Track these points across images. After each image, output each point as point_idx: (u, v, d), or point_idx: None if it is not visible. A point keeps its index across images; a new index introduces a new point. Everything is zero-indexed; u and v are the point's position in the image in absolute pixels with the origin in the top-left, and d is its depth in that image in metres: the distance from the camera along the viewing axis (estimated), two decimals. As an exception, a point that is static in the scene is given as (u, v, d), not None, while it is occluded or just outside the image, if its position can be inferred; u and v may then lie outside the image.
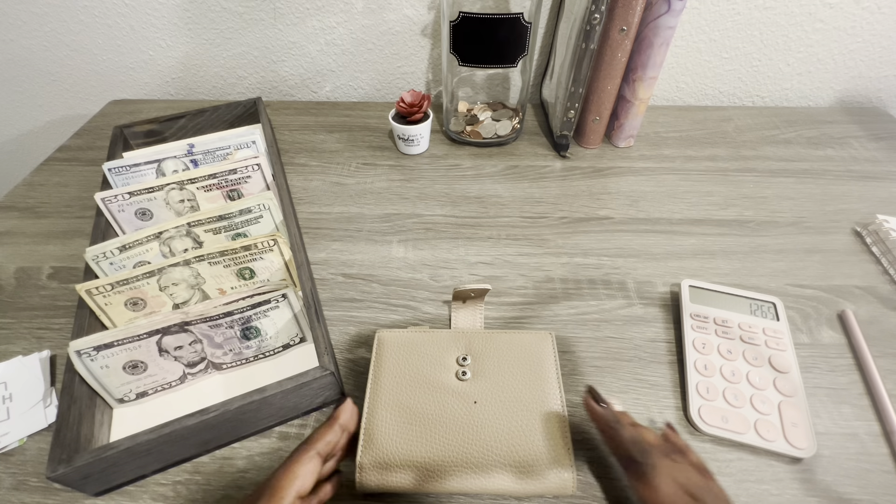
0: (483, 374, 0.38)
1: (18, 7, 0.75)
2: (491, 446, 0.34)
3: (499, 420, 0.35)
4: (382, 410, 0.36)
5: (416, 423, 0.35)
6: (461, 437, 0.34)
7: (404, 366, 0.39)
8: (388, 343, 0.40)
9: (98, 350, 0.36)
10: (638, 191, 0.61)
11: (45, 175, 0.66)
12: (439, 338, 0.40)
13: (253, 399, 0.34)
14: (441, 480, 0.33)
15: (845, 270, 0.50)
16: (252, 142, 0.58)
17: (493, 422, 0.35)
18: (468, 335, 0.40)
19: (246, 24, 0.76)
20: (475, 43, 0.60)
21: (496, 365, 0.38)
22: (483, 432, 0.34)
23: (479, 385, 0.37)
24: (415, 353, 0.39)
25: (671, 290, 0.49)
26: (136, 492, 0.36)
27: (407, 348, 0.40)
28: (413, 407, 0.36)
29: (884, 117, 0.74)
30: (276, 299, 0.39)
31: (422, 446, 0.34)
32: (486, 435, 0.34)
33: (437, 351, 0.39)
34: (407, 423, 0.35)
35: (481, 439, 0.34)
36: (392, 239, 0.55)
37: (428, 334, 0.41)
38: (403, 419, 0.35)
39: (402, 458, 0.33)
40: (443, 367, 0.38)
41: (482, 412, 0.35)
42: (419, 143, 0.67)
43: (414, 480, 0.33)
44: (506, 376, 0.37)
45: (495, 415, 0.35)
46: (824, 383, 0.41)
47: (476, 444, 0.34)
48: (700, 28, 0.72)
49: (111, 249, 0.44)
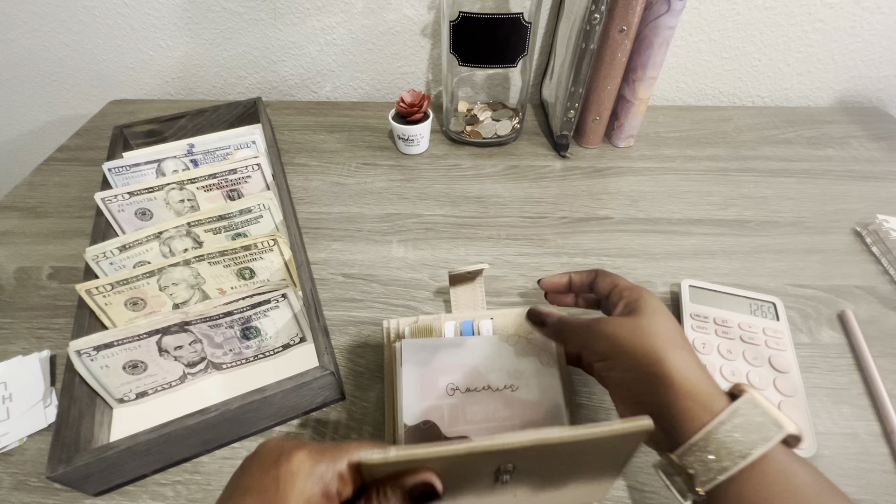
0: (530, 475, 0.26)
1: (18, 7, 0.75)
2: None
3: None
4: None
5: None
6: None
7: None
8: None
9: (98, 350, 0.36)
10: (638, 191, 0.61)
11: (45, 175, 0.66)
12: (466, 463, 0.23)
13: (253, 399, 0.34)
14: None
15: (845, 270, 0.50)
16: (252, 142, 0.58)
17: None
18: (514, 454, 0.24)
19: (246, 24, 0.76)
20: (475, 43, 0.60)
21: (550, 470, 0.27)
22: None
23: (522, 482, 0.26)
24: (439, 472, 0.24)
25: (671, 290, 0.49)
26: (136, 492, 0.35)
27: None
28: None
29: (884, 117, 0.74)
30: (276, 299, 0.39)
31: None
32: None
33: (465, 472, 0.25)
34: None
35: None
36: (392, 239, 0.55)
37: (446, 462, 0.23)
38: None
39: None
40: (475, 480, 0.26)
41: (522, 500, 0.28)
42: (419, 143, 0.67)
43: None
44: (560, 477, 0.27)
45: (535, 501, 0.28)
46: (824, 383, 0.41)
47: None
48: (700, 28, 0.72)
49: (111, 249, 0.44)
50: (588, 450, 0.25)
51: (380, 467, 0.23)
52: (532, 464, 0.25)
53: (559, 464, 0.26)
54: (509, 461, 0.24)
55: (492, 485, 0.26)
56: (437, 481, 0.23)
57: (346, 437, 0.38)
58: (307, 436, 0.38)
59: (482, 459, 0.23)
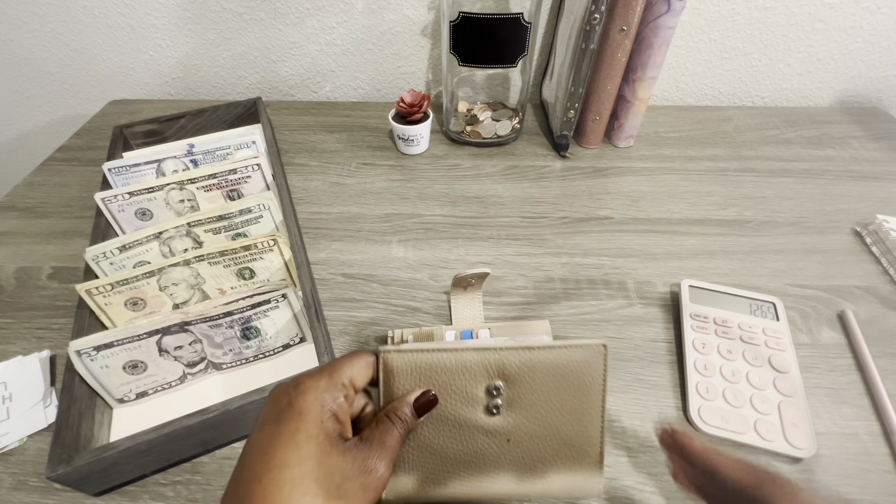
0: (517, 405, 0.31)
1: (18, 7, 0.75)
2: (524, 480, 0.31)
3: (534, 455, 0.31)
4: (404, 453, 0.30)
5: (443, 466, 0.30)
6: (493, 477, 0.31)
7: None
8: (398, 371, 0.30)
9: (98, 350, 0.36)
10: (638, 191, 0.61)
11: (45, 175, 0.66)
12: (463, 361, 0.30)
13: (253, 399, 0.34)
14: None
15: (845, 270, 0.50)
16: (252, 142, 0.58)
17: (528, 457, 0.31)
18: (500, 354, 0.30)
19: (246, 24, 0.76)
20: (475, 43, 0.60)
21: (534, 393, 0.31)
22: (516, 469, 0.31)
23: (513, 419, 0.31)
24: (435, 383, 0.31)
25: (671, 290, 0.49)
26: (136, 492, 0.35)
27: (423, 376, 0.31)
28: (438, 448, 0.30)
29: (884, 117, 0.74)
30: (276, 299, 0.39)
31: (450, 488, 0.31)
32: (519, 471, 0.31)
33: (463, 380, 0.30)
34: (432, 467, 0.30)
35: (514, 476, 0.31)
36: (392, 239, 0.55)
37: (448, 355, 0.31)
38: (428, 463, 0.30)
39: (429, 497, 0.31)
40: (470, 401, 0.30)
41: (516, 450, 0.31)
42: (419, 143, 0.67)
43: None
44: (544, 405, 0.31)
45: (530, 450, 0.31)
46: (824, 383, 0.41)
47: (508, 482, 0.31)
48: (700, 28, 0.72)
49: (111, 249, 0.44)
50: (560, 373, 0.30)
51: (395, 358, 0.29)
52: (518, 389, 0.30)
53: (542, 395, 0.30)
54: (497, 370, 0.30)
55: (485, 419, 0.30)
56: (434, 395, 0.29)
57: (346, 437, 0.38)
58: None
59: (474, 360, 0.30)
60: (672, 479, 0.29)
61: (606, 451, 0.37)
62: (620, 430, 0.38)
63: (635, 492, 0.35)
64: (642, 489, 0.35)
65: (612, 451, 0.37)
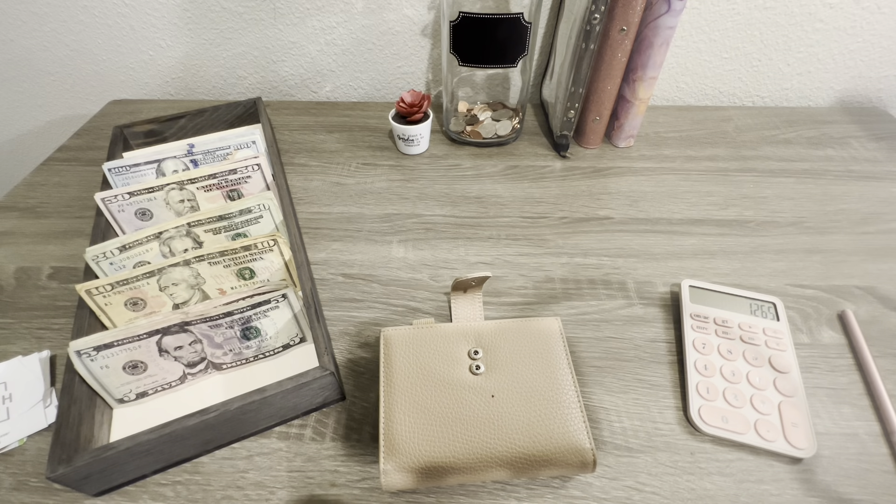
0: (496, 366, 0.37)
1: (18, 7, 0.75)
2: (513, 438, 0.34)
3: (518, 411, 0.35)
4: (400, 413, 0.35)
5: (436, 422, 0.35)
6: (483, 433, 0.34)
7: (416, 364, 0.38)
8: (395, 342, 0.39)
9: (98, 350, 0.36)
10: (638, 191, 0.61)
11: (45, 175, 0.66)
12: (447, 332, 0.39)
13: (253, 399, 0.34)
14: (466, 475, 0.33)
15: (845, 270, 0.50)
16: (252, 142, 0.58)
17: (513, 413, 0.35)
18: (476, 327, 0.40)
19: (246, 24, 0.76)
20: (475, 43, 0.60)
21: (508, 355, 0.38)
22: (504, 425, 0.34)
23: (494, 377, 0.37)
24: (425, 351, 0.38)
25: (671, 290, 0.49)
26: (136, 492, 0.36)
27: (416, 346, 0.39)
28: (431, 406, 0.35)
29: (884, 117, 0.74)
30: (276, 299, 0.39)
31: (444, 446, 0.34)
32: (507, 427, 0.34)
33: (448, 346, 0.39)
34: (426, 424, 0.35)
35: (503, 432, 0.34)
36: (392, 239, 0.55)
37: (435, 329, 0.40)
38: (423, 420, 0.35)
39: (426, 459, 0.33)
40: (455, 363, 0.38)
41: (500, 405, 0.35)
42: (419, 143, 0.67)
43: (439, 478, 0.33)
44: (518, 366, 0.37)
45: (514, 406, 0.35)
46: (824, 383, 0.41)
47: (498, 438, 0.34)
48: (700, 28, 0.72)
49: (111, 249, 0.44)
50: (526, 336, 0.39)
51: None
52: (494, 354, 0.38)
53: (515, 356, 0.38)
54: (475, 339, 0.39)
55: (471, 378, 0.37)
56: None
57: (346, 437, 0.38)
58: (307, 436, 0.39)
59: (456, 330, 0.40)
60: None
61: (606, 451, 0.37)
62: (620, 430, 0.38)
63: (635, 492, 0.35)
64: (642, 489, 0.35)
65: (613, 451, 0.37)
